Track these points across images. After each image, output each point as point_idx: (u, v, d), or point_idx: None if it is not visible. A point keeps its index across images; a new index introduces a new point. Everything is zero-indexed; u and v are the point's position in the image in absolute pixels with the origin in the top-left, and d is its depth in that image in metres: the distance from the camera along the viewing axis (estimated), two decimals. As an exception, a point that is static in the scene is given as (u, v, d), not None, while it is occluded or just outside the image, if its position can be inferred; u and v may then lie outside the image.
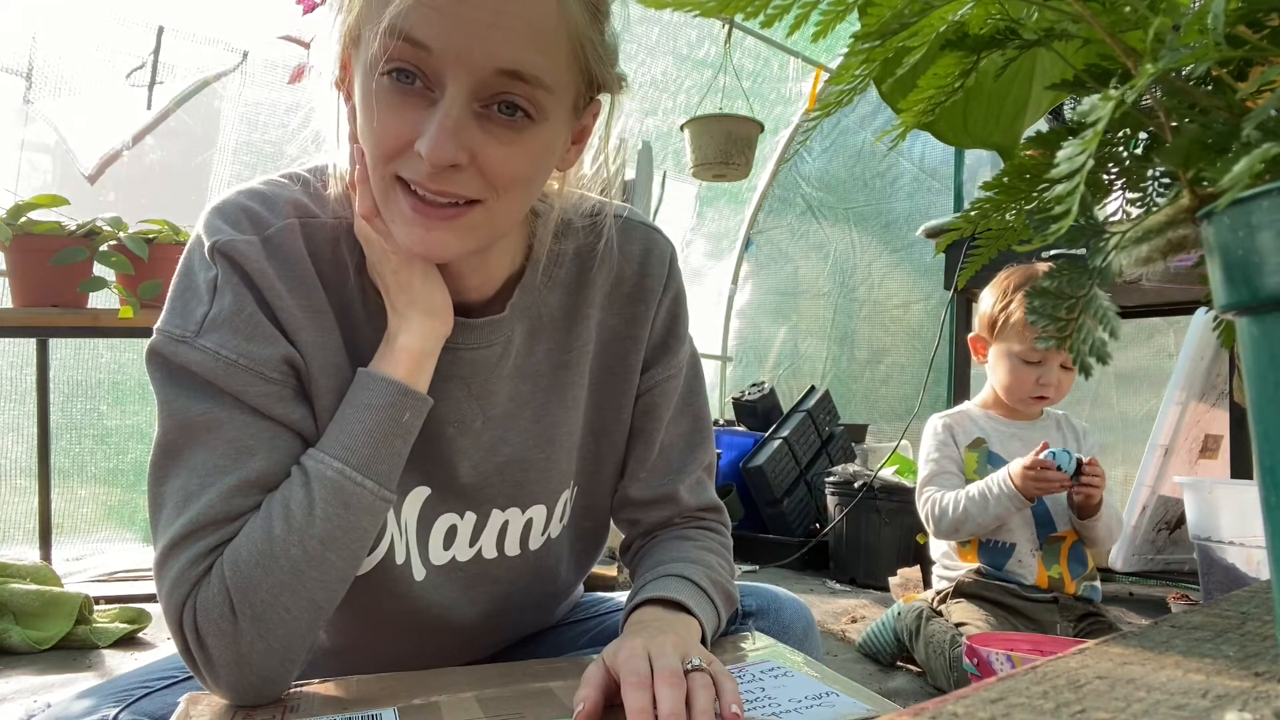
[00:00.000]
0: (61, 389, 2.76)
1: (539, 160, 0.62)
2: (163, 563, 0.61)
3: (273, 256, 0.64)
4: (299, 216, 0.67)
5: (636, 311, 0.77)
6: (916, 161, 3.88)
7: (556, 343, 0.75)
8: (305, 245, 0.66)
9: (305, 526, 0.60)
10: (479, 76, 0.56)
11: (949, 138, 0.54)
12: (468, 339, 0.71)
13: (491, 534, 0.75)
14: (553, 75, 0.59)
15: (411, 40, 0.55)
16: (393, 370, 0.65)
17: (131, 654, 1.79)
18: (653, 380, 0.79)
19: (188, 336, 0.62)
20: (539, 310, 0.74)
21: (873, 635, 1.85)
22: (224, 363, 0.61)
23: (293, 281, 0.65)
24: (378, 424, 0.64)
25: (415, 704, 0.62)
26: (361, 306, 0.69)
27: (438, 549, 0.73)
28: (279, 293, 0.64)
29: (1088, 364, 0.36)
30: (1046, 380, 1.74)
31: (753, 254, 4.59)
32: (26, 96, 2.52)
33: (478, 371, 0.72)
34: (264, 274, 0.63)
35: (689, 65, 3.86)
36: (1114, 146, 0.40)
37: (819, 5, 0.38)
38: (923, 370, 2.94)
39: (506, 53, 0.56)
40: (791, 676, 0.66)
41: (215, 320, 0.62)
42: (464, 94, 0.57)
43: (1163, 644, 0.39)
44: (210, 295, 0.63)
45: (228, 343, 0.62)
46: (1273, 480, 0.31)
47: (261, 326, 0.63)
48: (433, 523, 0.73)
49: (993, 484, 1.67)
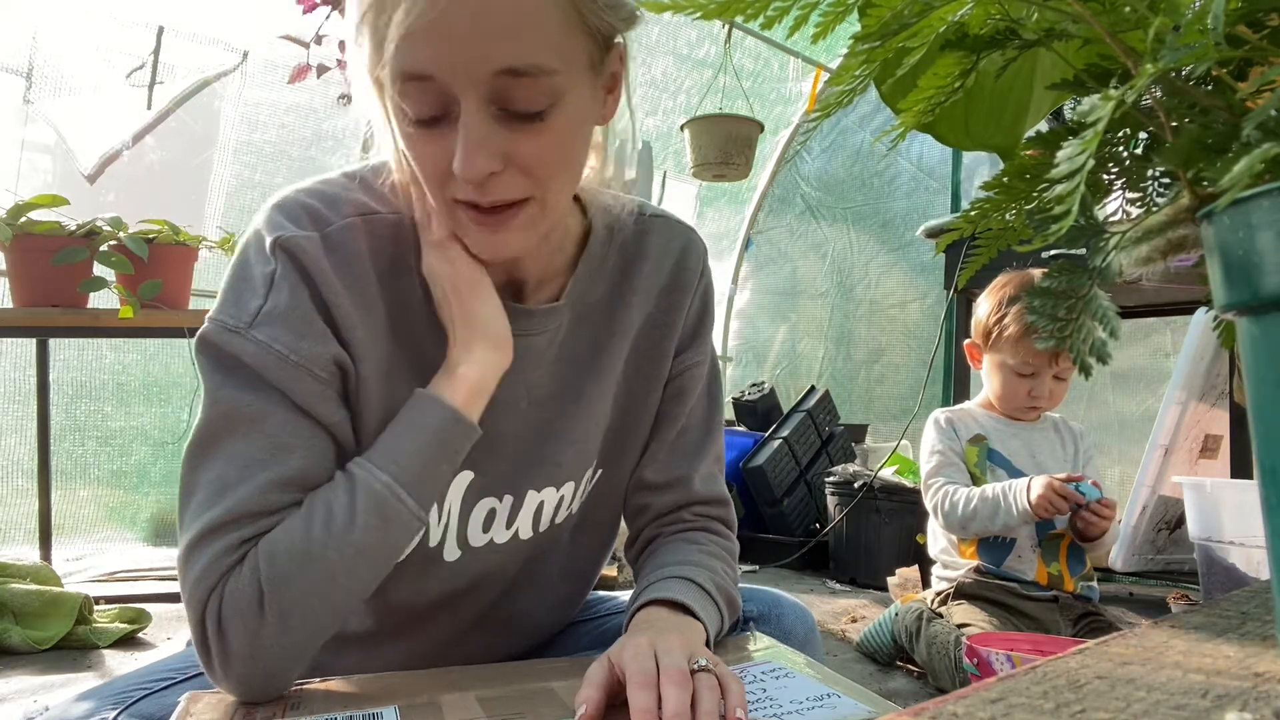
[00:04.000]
0: (65, 390, 2.76)
1: (572, 138, 0.63)
2: (192, 550, 0.61)
3: (332, 253, 0.65)
4: (359, 214, 0.68)
5: (673, 301, 0.81)
6: (915, 161, 3.88)
7: (598, 328, 0.78)
8: (365, 244, 0.67)
9: (344, 533, 0.61)
10: (484, 84, 0.57)
11: (949, 139, 0.54)
12: (527, 326, 0.72)
13: (527, 515, 0.77)
14: (554, 54, 0.58)
15: (415, 75, 0.56)
16: (451, 396, 0.65)
17: (131, 654, 1.79)
18: (683, 365, 0.83)
19: (240, 328, 0.63)
20: (587, 299, 0.77)
21: (870, 636, 1.85)
22: (275, 357, 0.62)
23: (350, 279, 0.66)
24: (428, 446, 0.64)
25: (416, 703, 0.62)
26: (422, 305, 0.70)
27: (476, 531, 0.75)
28: (335, 290, 0.65)
29: (1088, 364, 0.36)
30: (1039, 392, 1.76)
31: (753, 254, 4.59)
32: (26, 96, 2.52)
33: (530, 357, 0.73)
34: (322, 271, 0.64)
35: (689, 65, 3.85)
36: (1114, 146, 0.40)
37: (819, 6, 0.38)
38: (920, 370, 2.94)
39: (498, 55, 0.56)
40: (793, 677, 0.66)
41: (270, 314, 0.63)
42: (477, 105, 0.57)
43: (1163, 644, 0.39)
44: (266, 289, 0.64)
45: (280, 337, 0.62)
46: (1273, 480, 0.31)
47: (314, 324, 0.64)
48: (474, 507, 0.74)
49: (1006, 495, 1.67)
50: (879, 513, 2.67)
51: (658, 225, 0.81)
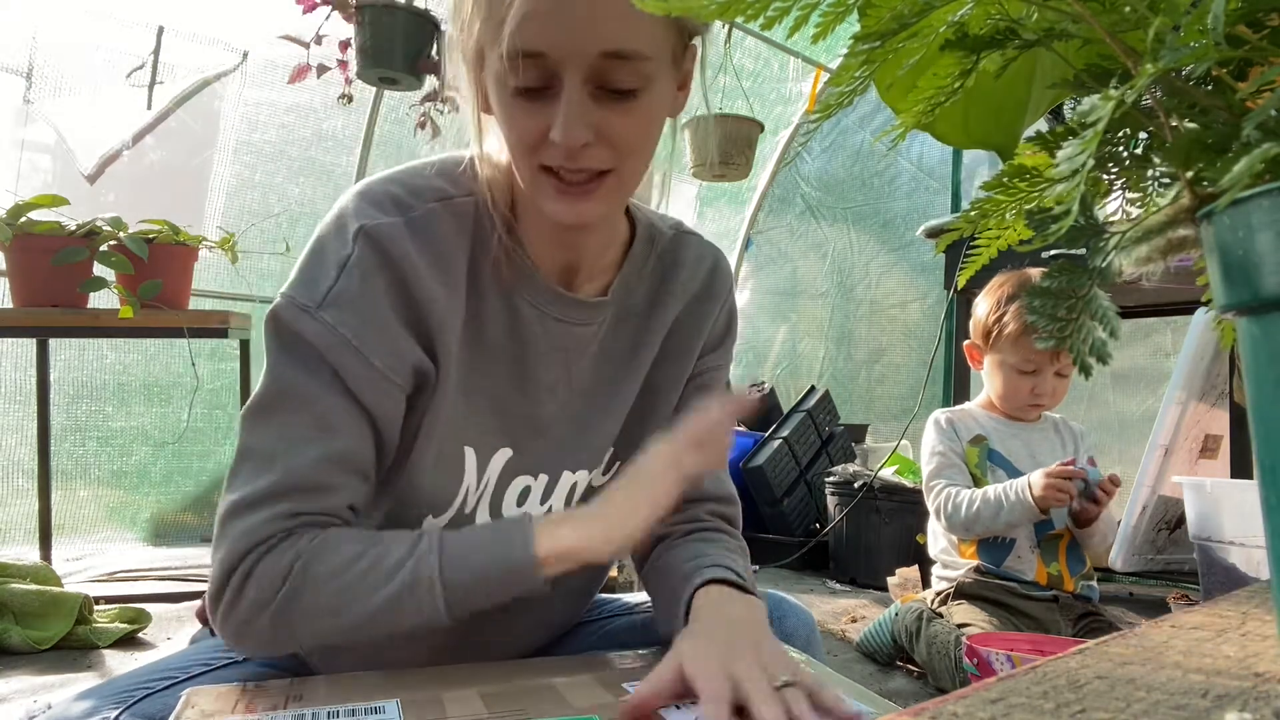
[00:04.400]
0: (66, 391, 2.76)
1: (654, 121, 0.69)
2: (236, 512, 0.64)
3: (415, 237, 0.69)
4: (439, 200, 0.72)
5: (704, 308, 0.86)
6: (915, 161, 3.88)
7: (637, 329, 0.83)
8: (445, 226, 0.71)
9: (374, 588, 0.64)
10: (589, 64, 0.63)
11: (949, 138, 0.54)
12: (578, 315, 0.77)
13: (561, 494, 0.80)
14: (650, 43, 0.64)
15: (529, 53, 0.62)
16: (547, 543, 0.66)
17: (131, 654, 1.79)
18: (706, 365, 0.88)
19: (309, 307, 0.66)
20: (628, 300, 0.82)
21: (870, 636, 1.85)
22: (337, 339, 0.65)
23: (431, 257, 0.69)
24: (493, 575, 0.65)
25: (419, 698, 0.62)
26: (491, 276, 0.74)
27: (511, 506, 0.78)
28: (418, 270, 0.68)
29: (1088, 364, 0.36)
30: (1041, 390, 1.75)
31: (753, 254, 4.59)
32: (26, 96, 2.53)
33: (576, 345, 0.78)
34: (405, 255, 0.68)
35: (689, 65, 3.85)
36: (1114, 146, 0.40)
37: (819, 6, 0.38)
38: (920, 370, 2.94)
39: (607, 38, 0.62)
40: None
41: (338, 297, 0.66)
42: (579, 81, 0.63)
43: (1163, 644, 0.39)
44: (338, 272, 0.67)
45: (345, 321, 0.66)
46: (1273, 480, 0.31)
47: (381, 313, 0.67)
48: (509, 482, 0.77)
49: (1009, 492, 1.67)
50: (879, 513, 2.67)
51: (692, 240, 0.88)
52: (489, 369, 0.75)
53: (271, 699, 0.62)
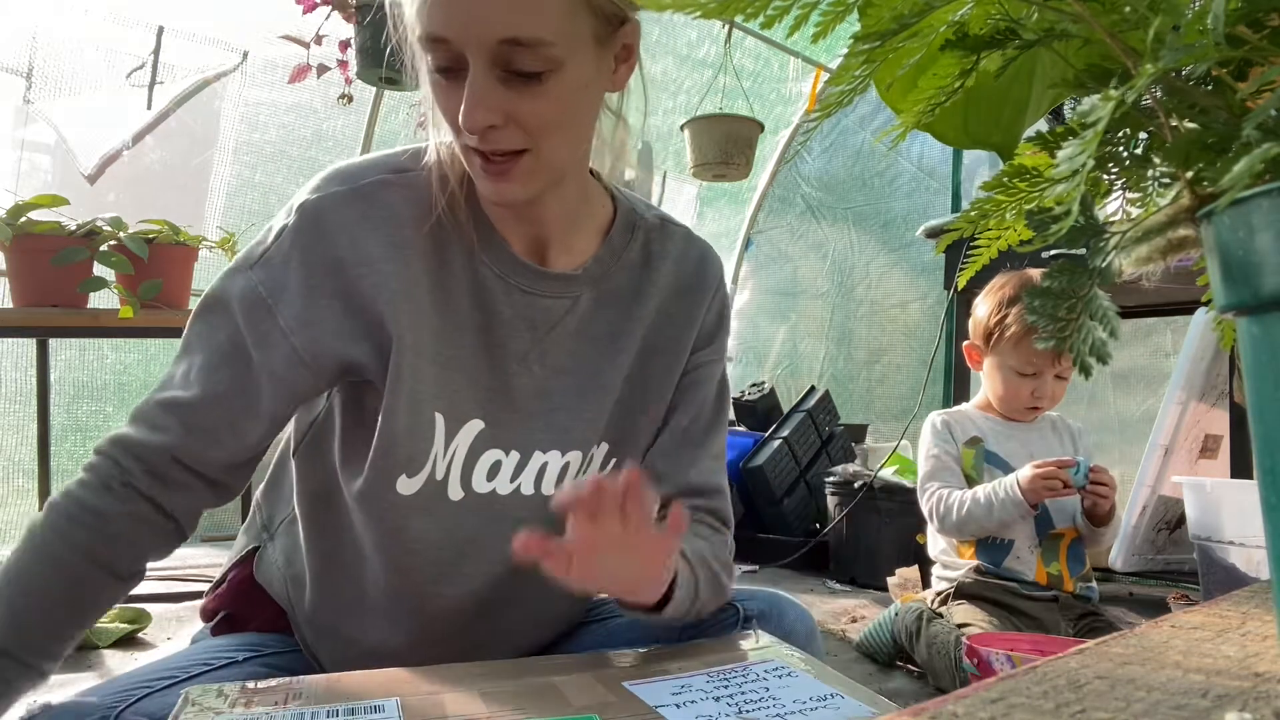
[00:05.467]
0: (66, 391, 2.76)
1: (568, 103, 0.69)
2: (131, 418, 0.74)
3: (359, 204, 0.73)
4: (393, 172, 0.76)
5: (693, 300, 0.88)
6: (915, 161, 3.88)
7: (618, 315, 0.84)
8: (395, 194, 0.74)
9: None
10: (488, 49, 0.64)
11: (949, 138, 0.54)
12: (545, 287, 0.79)
13: (531, 473, 0.81)
14: (553, 29, 0.65)
15: (435, 38, 0.65)
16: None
17: (132, 654, 1.79)
18: (700, 360, 0.89)
19: (242, 267, 0.73)
20: (608, 284, 0.83)
21: (870, 636, 1.85)
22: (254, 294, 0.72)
23: (377, 223, 0.73)
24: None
25: (419, 698, 0.62)
26: (456, 245, 0.76)
27: (481, 479, 0.79)
28: (359, 237, 0.72)
29: (1088, 364, 0.36)
30: (1041, 392, 1.75)
31: (753, 254, 4.59)
32: (26, 96, 2.52)
33: (544, 319, 0.80)
34: (344, 224, 0.72)
35: (689, 65, 3.85)
36: (1114, 146, 0.40)
37: (819, 6, 0.38)
38: (920, 370, 2.94)
39: (503, 26, 0.63)
40: (795, 677, 0.66)
41: (269, 260, 0.72)
42: (482, 66, 0.65)
43: (1163, 644, 0.39)
44: (274, 240, 0.73)
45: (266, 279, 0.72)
46: (1273, 480, 0.31)
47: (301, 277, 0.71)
48: (480, 455, 0.78)
49: (999, 489, 1.67)
50: (879, 513, 2.67)
51: (679, 233, 0.89)
52: (458, 337, 0.76)
53: (271, 698, 0.62)
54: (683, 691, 0.63)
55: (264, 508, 0.91)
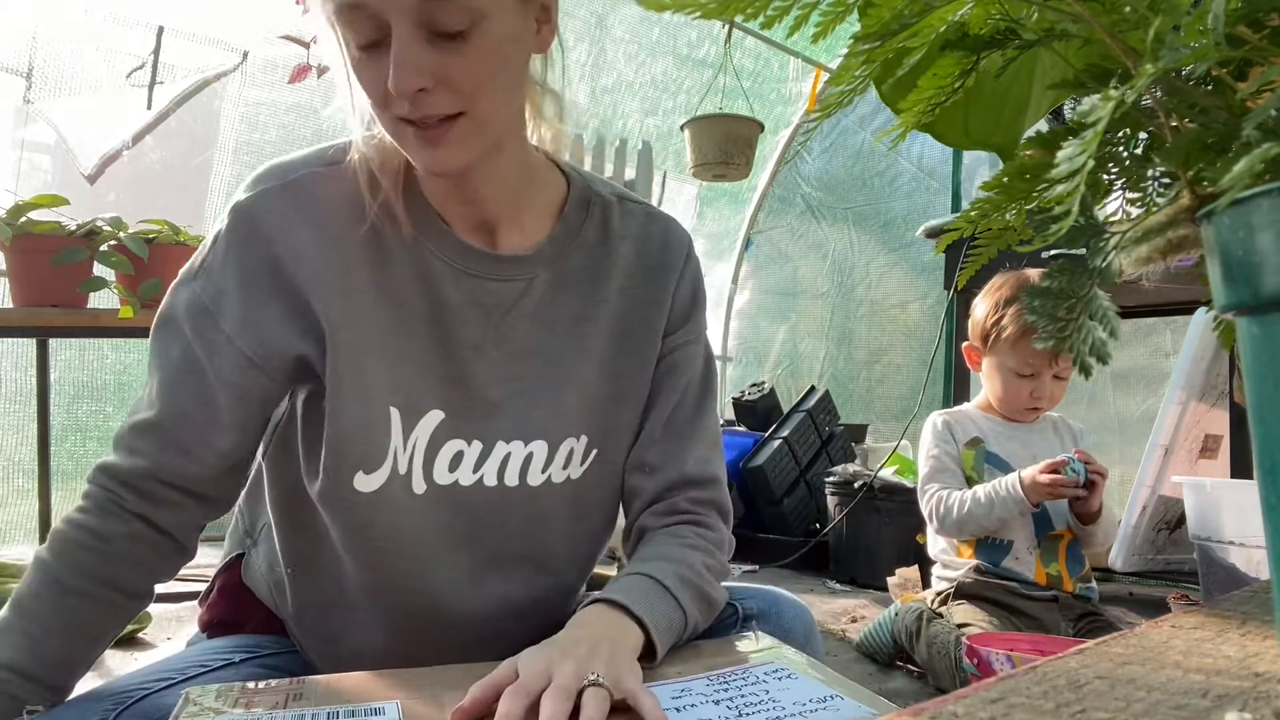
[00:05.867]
0: (66, 391, 2.76)
1: (497, 59, 0.68)
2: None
3: (294, 197, 0.72)
4: (325, 165, 0.75)
5: (660, 280, 0.84)
6: (915, 161, 3.88)
7: (579, 297, 0.81)
8: (329, 187, 0.74)
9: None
10: (410, 9, 0.63)
11: (949, 138, 0.54)
12: (494, 270, 0.77)
13: (494, 464, 0.78)
14: None
15: (353, 5, 0.63)
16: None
17: (131, 654, 1.79)
18: (675, 344, 0.86)
19: (186, 279, 0.74)
20: (564, 265, 0.80)
21: (870, 636, 1.85)
22: (198, 305, 0.72)
23: (310, 214, 0.72)
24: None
25: (419, 698, 0.62)
26: (393, 235, 0.75)
27: (443, 470, 0.77)
28: (292, 233, 0.71)
29: (1088, 364, 0.36)
30: (1040, 393, 1.75)
31: (753, 254, 4.59)
32: (26, 96, 2.52)
33: (497, 303, 0.77)
34: (277, 222, 0.71)
35: (689, 65, 3.85)
36: (1114, 146, 0.40)
37: (819, 6, 0.38)
38: (920, 370, 2.94)
39: None
40: (795, 679, 0.66)
41: (208, 269, 0.73)
42: (406, 29, 0.63)
43: (1163, 644, 0.39)
44: (211, 246, 0.73)
45: (207, 288, 0.72)
46: (1273, 480, 0.31)
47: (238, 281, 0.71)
48: (441, 446, 0.76)
49: (999, 488, 1.67)
50: (879, 513, 2.67)
51: (638, 210, 0.86)
52: (408, 329, 0.75)
53: (271, 699, 0.62)
54: (682, 695, 0.63)
55: (245, 514, 0.90)
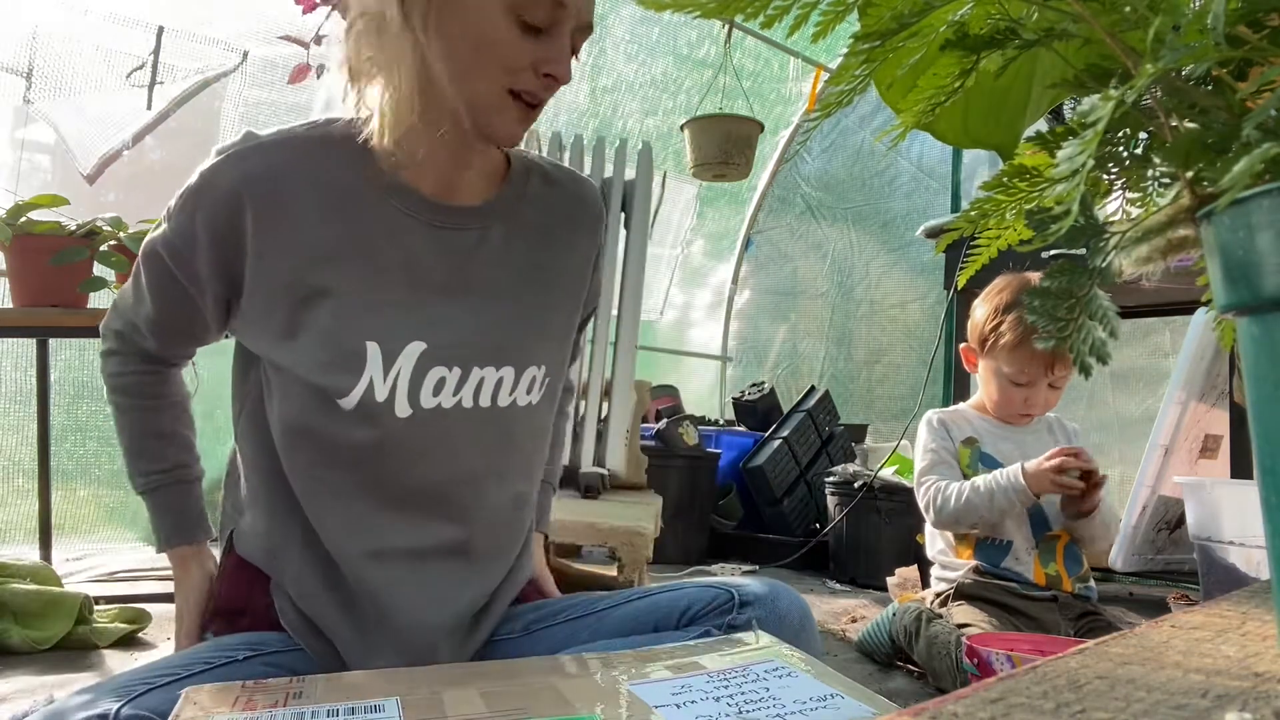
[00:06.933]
0: (67, 391, 2.76)
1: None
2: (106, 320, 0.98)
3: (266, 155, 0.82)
4: (305, 127, 0.85)
5: (590, 232, 1.01)
6: (915, 161, 3.88)
7: (533, 245, 0.94)
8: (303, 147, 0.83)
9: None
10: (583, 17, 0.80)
11: (949, 138, 0.54)
12: (455, 220, 0.88)
13: (471, 387, 0.88)
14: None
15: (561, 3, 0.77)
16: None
17: (132, 654, 1.79)
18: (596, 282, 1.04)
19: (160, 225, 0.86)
20: (517, 219, 0.93)
21: (869, 636, 1.85)
22: (156, 249, 0.86)
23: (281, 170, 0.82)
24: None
25: (419, 697, 0.62)
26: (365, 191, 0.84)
27: (428, 395, 0.86)
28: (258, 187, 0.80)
29: (1088, 364, 0.36)
30: (1034, 401, 1.75)
31: (753, 254, 4.59)
32: (26, 96, 2.52)
33: (462, 249, 0.88)
34: (239, 179, 0.80)
35: (689, 65, 3.85)
36: (1114, 146, 0.40)
37: (819, 6, 0.38)
38: (920, 370, 2.94)
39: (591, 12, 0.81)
40: (795, 677, 0.66)
41: (171, 218, 0.85)
42: (569, 30, 0.79)
43: (1163, 644, 0.39)
44: (177, 202, 0.84)
45: (166, 236, 0.85)
46: (1273, 480, 0.31)
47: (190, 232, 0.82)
48: (425, 373, 0.85)
49: (1000, 478, 1.67)
50: (879, 513, 2.67)
51: (566, 175, 1.01)
52: (385, 274, 0.85)
53: (271, 697, 0.62)
54: (683, 692, 0.63)
55: (229, 497, 0.98)
